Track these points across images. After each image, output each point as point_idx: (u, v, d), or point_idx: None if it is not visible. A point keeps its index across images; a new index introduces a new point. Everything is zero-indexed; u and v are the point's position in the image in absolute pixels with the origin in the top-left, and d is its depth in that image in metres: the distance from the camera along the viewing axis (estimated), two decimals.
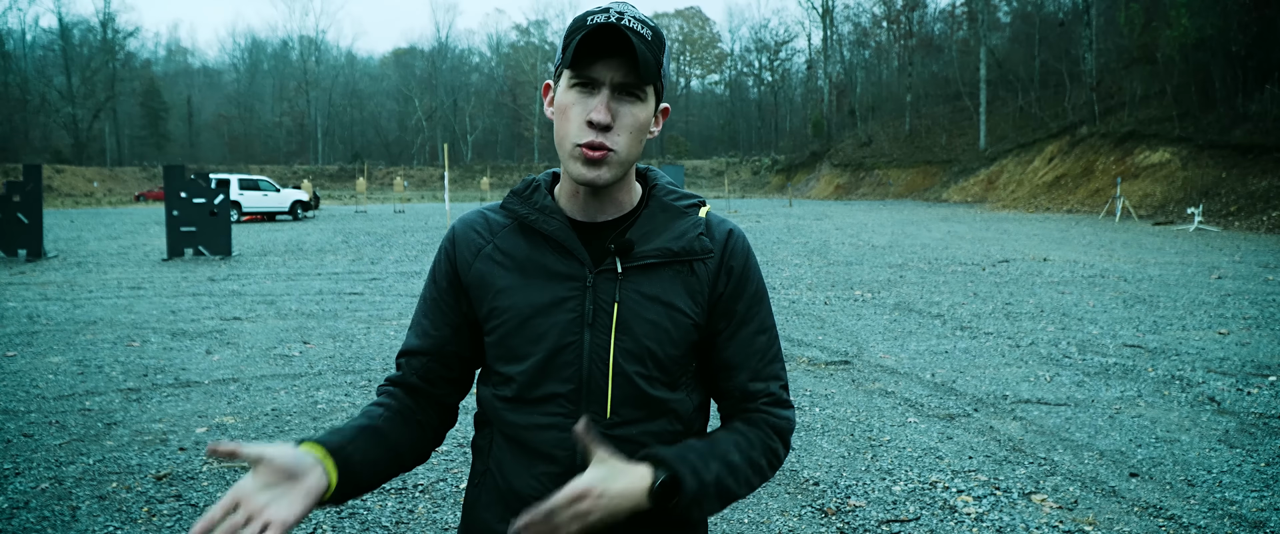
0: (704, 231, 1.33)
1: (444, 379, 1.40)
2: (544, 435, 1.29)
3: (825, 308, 9.73)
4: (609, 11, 1.21)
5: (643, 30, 1.22)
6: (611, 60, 1.21)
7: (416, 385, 1.39)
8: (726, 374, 1.35)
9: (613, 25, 1.19)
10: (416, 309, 1.43)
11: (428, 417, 1.40)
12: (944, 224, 26.20)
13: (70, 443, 4.80)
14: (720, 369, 1.36)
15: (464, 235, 1.37)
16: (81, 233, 24.03)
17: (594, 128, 1.22)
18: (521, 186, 1.37)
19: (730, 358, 1.34)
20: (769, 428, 1.34)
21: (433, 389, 1.40)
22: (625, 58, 1.21)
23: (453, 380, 1.41)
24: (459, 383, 1.43)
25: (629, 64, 1.21)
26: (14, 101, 74.62)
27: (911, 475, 4.32)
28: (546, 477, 1.30)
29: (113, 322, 8.90)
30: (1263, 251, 15.98)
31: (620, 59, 1.21)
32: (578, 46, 1.19)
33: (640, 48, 1.19)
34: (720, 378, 1.36)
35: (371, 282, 12.44)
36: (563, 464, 1.28)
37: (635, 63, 1.21)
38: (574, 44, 1.19)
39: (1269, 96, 28.40)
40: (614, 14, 1.21)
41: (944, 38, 69.91)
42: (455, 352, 1.39)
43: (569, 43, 1.22)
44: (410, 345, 1.40)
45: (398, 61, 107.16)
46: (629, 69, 1.21)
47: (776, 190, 70.29)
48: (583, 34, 1.19)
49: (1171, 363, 6.72)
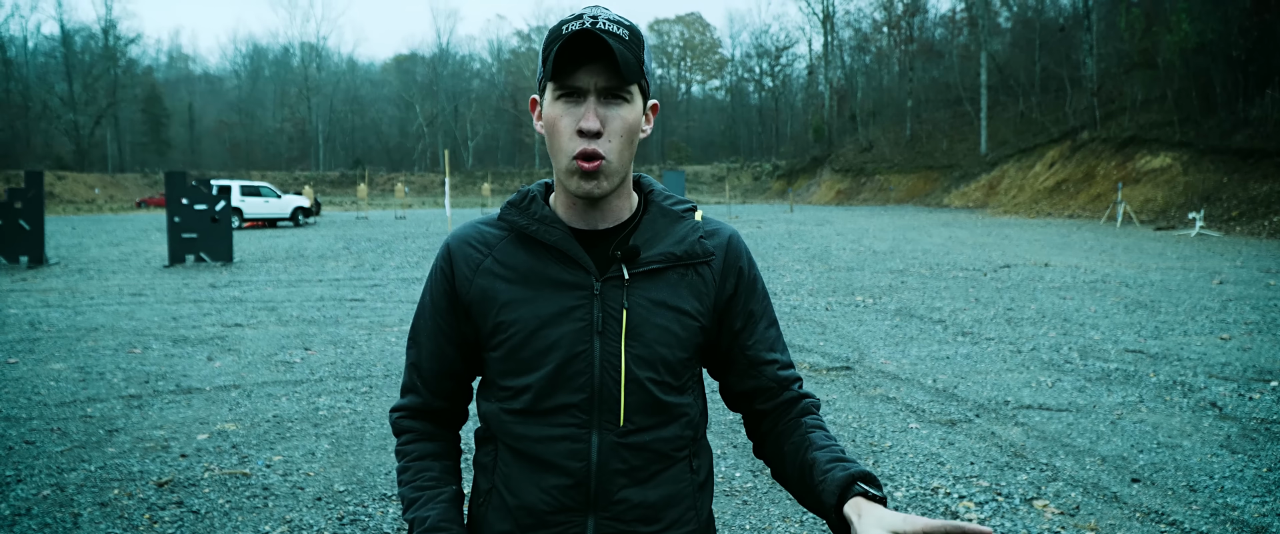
0: (703, 235, 1.34)
1: (459, 393, 1.44)
2: (556, 447, 1.28)
3: (826, 313, 9.73)
4: (583, 17, 1.21)
5: (619, 30, 1.21)
6: (592, 65, 1.21)
7: (444, 408, 1.42)
8: (755, 371, 1.38)
9: (588, 31, 1.18)
10: (420, 331, 1.41)
11: (455, 431, 1.47)
12: (945, 229, 26.20)
13: (72, 450, 4.80)
14: (749, 366, 1.38)
15: (460, 251, 1.35)
16: (83, 239, 24.05)
17: (585, 136, 1.21)
18: (517, 198, 1.36)
19: (757, 353, 1.37)
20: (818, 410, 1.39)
21: (455, 405, 1.44)
22: (605, 62, 1.20)
23: (466, 393, 1.45)
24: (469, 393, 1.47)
25: (610, 67, 1.20)
26: (16, 108, 74.75)
27: (913, 481, 4.31)
28: (558, 489, 1.28)
29: (114, 328, 8.90)
30: (1264, 257, 15.97)
31: (601, 63, 1.20)
32: (556, 57, 1.19)
33: (619, 49, 1.18)
34: (749, 376, 1.38)
35: (373, 288, 12.45)
36: (575, 476, 1.27)
37: (616, 65, 1.20)
38: (553, 55, 1.19)
39: (1270, 101, 28.40)
40: (588, 19, 1.20)
41: (944, 43, 69.98)
42: (464, 369, 1.41)
43: (548, 54, 1.21)
44: (427, 370, 1.40)
45: (399, 67, 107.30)
46: (611, 72, 1.21)
47: (777, 196, 70.32)
48: (560, 43, 1.18)
49: (1173, 368, 6.71)
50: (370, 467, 4.56)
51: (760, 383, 1.38)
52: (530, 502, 1.29)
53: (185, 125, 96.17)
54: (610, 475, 1.28)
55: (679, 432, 1.32)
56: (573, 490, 1.28)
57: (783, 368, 1.39)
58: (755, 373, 1.38)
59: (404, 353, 2.16)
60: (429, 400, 1.40)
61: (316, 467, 4.55)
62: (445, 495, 1.34)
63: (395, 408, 1.43)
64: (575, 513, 1.28)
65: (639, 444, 1.28)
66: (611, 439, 1.27)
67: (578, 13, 1.23)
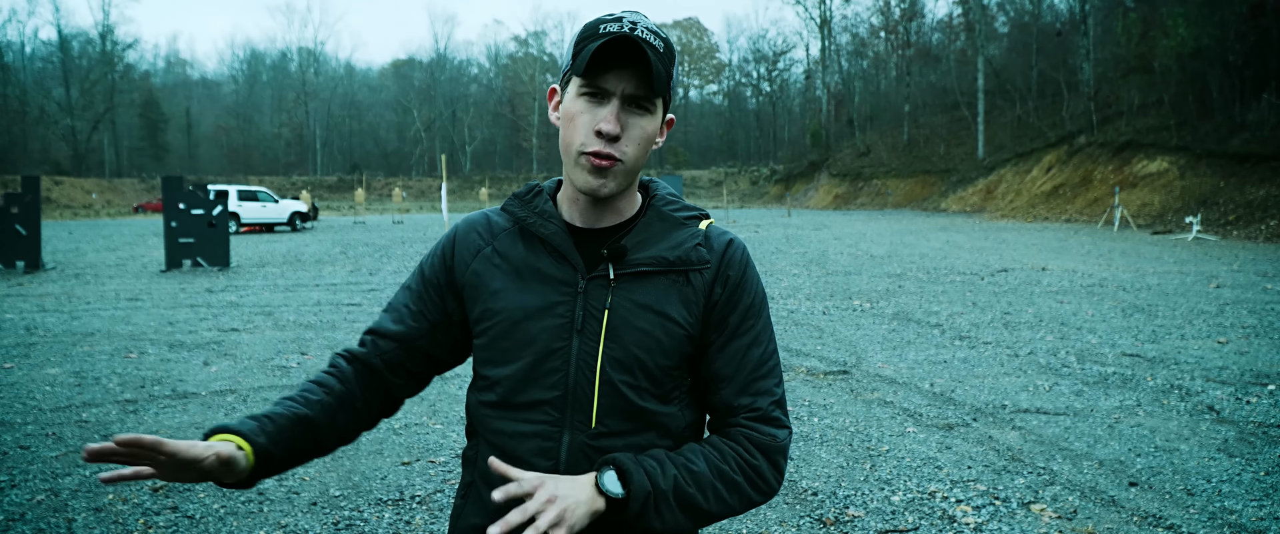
0: (702, 243, 1.31)
1: (405, 369, 1.39)
2: (527, 444, 1.27)
3: (824, 318, 9.72)
4: (623, 21, 1.20)
5: (655, 42, 1.21)
6: (624, 71, 1.20)
7: (375, 367, 1.38)
8: (713, 387, 1.32)
9: (627, 36, 1.17)
10: (398, 294, 1.41)
11: (370, 400, 1.39)
12: (942, 233, 26.22)
13: (67, 455, 4.78)
14: (708, 381, 1.32)
15: (465, 235, 1.37)
16: (79, 244, 24.02)
17: (602, 138, 1.21)
18: (524, 190, 1.36)
19: (719, 370, 1.30)
20: (748, 442, 1.27)
21: (390, 376, 1.39)
22: (639, 70, 1.19)
23: (412, 374, 1.40)
24: (417, 378, 1.41)
25: (642, 76, 1.20)
26: (13, 113, 74.71)
27: (910, 485, 4.31)
28: None
29: (110, 333, 8.88)
30: (1261, 260, 15.99)
31: (633, 70, 1.20)
32: (593, 56, 1.18)
33: (654, 60, 1.17)
34: (708, 391, 1.33)
35: (369, 292, 12.43)
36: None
37: (649, 76, 1.19)
38: (587, 52, 1.17)
39: (1266, 105, 28.48)
40: (628, 24, 1.19)
41: (942, 48, 70.15)
42: (425, 348, 1.38)
43: (581, 50, 1.20)
44: (381, 327, 1.39)
45: (396, 72, 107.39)
46: (641, 81, 1.20)
47: (775, 200, 70.35)
48: (597, 43, 1.17)
49: (1170, 372, 6.71)
50: (365, 471, 4.55)
51: (712, 400, 1.33)
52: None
53: (183, 130, 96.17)
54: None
55: (654, 440, 1.28)
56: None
57: (742, 393, 1.29)
58: (712, 388, 1.32)
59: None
60: (368, 354, 1.38)
61: (311, 471, 4.53)
62: (299, 404, 1.30)
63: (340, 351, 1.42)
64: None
65: (608, 448, 1.25)
66: (582, 440, 1.25)
67: (617, 14, 1.22)
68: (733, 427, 1.30)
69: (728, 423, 1.31)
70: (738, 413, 1.30)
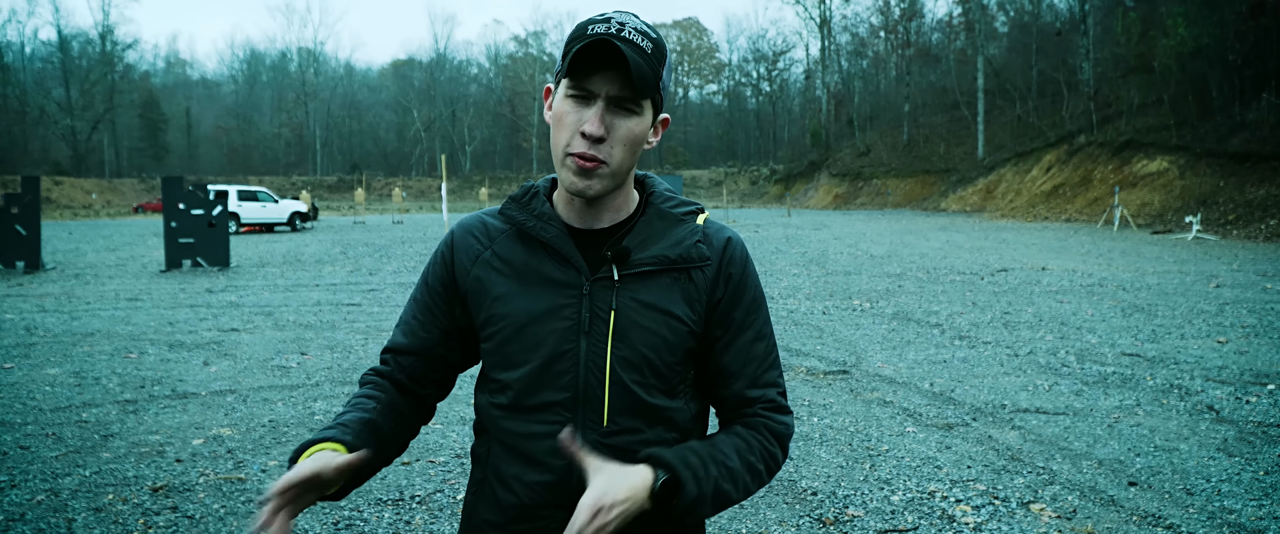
0: (701, 239, 1.32)
1: (429, 380, 1.41)
2: (540, 444, 1.29)
3: (823, 317, 9.72)
4: (610, 22, 1.20)
5: (642, 42, 1.20)
6: (608, 73, 1.20)
7: (402, 382, 1.40)
8: (724, 381, 1.35)
9: (609, 38, 1.17)
10: (407, 308, 1.43)
11: (411, 411, 1.41)
12: (942, 233, 26.22)
13: (67, 455, 4.78)
14: (718, 376, 1.35)
15: (463, 240, 1.36)
16: (79, 245, 24.01)
17: (587, 139, 1.21)
18: (520, 193, 1.36)
19: (728, 365, 1.34)
20: (768, 432, 1.33)
21: (417, 388, 1.41)
22: (620, 72, 1.20)
23: (436, 382, 1.42)
24: (442, 384, 1.44)
25: (624, 79, 1.20)
26: (13, 114, 74.68)
27: (910, 485, 4.31)
28: (541, 485, 1.30)
29: (110, 333, 8.89)
30: (1261, 260, 15.99)
31: (616, 72, 1.20)
32: (575, 58, 1.18)
33: (637, 62, 1.17)
34: (718, 385, 1.36)
35: (369, 292, 12.43)
36: (557, 473, 1.28)
37: (630, 78, 1.19)
38: (572, 54, 1.18)
39: (1266, 105, 28.47)
40: (614, 25, 1.19)
41: (941, 47, 70.10)
42: (442, 355, 1.40)
43: (568, 51, 1.21)
44: (398, 344, 1.41)
45: (396, 73, 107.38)
46: (624, 83, 1.20)
47: (775, 200, 70.35)
48: (580, 45, 1.17)
49: (1170, 371, 6.71)
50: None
51: (724, 394, 1.36)
52: (517, 494, 1.31)
53: (182, 130, 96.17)
54: None
55: (663, 435, 1.31)
56: (556, 487, 1.29)
57: (753, 385, 1.34)
58: (723, 382, 1.35)
59: None
60: (393, 372, 1.40)
61: None
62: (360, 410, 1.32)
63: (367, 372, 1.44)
64: (558, 509, 1.29)
65: (621, 445, 1.28)
66: (594, 438, 1.27)
67: (606, 15, 1.22)
68: (753, 418, 1.35)
69: (745, 414, 1.35)
70: (753, 404, 1.35)
